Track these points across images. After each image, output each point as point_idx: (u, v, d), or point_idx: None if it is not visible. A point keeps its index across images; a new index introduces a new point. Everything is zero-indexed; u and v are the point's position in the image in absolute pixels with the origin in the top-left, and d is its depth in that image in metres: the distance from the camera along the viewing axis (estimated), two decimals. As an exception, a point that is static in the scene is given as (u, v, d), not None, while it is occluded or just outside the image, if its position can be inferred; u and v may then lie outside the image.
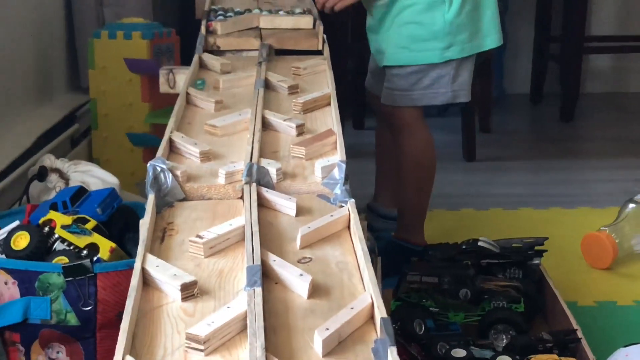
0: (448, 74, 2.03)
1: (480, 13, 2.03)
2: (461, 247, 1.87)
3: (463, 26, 2.01)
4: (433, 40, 2.01)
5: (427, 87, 2.04)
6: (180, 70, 1.89)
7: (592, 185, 2.90)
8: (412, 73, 2.04)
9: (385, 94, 2.11)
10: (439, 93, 2.05)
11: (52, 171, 1.81)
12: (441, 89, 2.04)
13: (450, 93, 2.05)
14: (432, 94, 2.05)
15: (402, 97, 2.07)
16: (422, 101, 2.06)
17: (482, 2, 2.03)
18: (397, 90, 2.07)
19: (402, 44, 2.05)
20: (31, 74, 2.42)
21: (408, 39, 2.04)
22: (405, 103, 2.07)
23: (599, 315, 1.89)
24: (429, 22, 2.01)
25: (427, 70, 2.03)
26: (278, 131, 1.50)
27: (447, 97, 2.05)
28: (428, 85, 2.04)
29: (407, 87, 2.05)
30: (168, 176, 1.29)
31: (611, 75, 4.50)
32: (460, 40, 2.01)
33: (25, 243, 1.44)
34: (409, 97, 2.06)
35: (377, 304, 0.97)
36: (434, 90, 2.04)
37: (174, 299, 1.03)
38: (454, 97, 2.06)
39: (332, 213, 1.22)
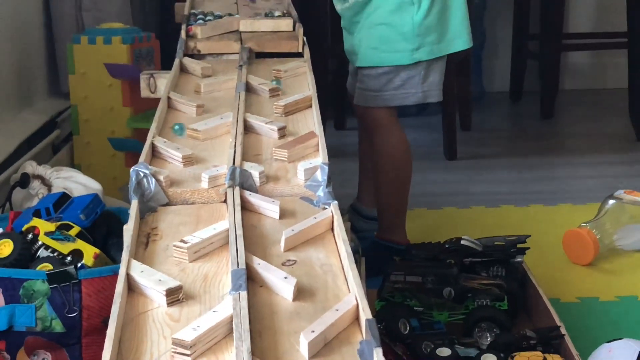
0: (418, 74, 2.05)
1: (449, 15, 2.06)
2: (444, 246, 1.88)
3: (432, 28, 2.03)
4: (402, 42, 2.03)
5: (397, 88, 2.07)
6: (161, 75, 1.89)
7: (573, 182, 2.92)
8: (383, 74, 2.06)
9: (357, 95, 2.13)
10: (410, 94, 2.07)
11: (34, 178, 1.81)
12: (411, 89, 2.06)
13: (421, 94, 2.07)
14: (402, 95, 2.07)
15: (374, 97, 2.09)
16: (393, 102, 2.08)
17: (450, 4, 2.06)
18: (369, 90, 2.09)
19: (372, 45, 2.07)
20: (10, 80, 2.41)
21: (378, 40, 2.06)
22: (377, 103, 2.09)
23: (582, 312, 1.90)
24: (398, 24, 2.03)
25: (397, 71, 2.05)
26: (260, 134, 1.51)
27: (418, 98, 2.08)
28: (399, 85, 2.06)
29: (379, 87, 2.07)
30: (151, 181, 1.29)
31: (589, 72, 4.53)
32: (429, 41, 2.03)
33: (8, 251, 1.44)
34: (380, 98, 2.08)
35: (362, 306, 0.98)
36: (404, 90, 2.07)
37: (159, 304, 1.03)
38: (425, 97, 2.08)
39: (316, 215, 1.23)
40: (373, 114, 2.11)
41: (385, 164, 2.12)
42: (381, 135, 2.12)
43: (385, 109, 2.10)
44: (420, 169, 2.36)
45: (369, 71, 2.08)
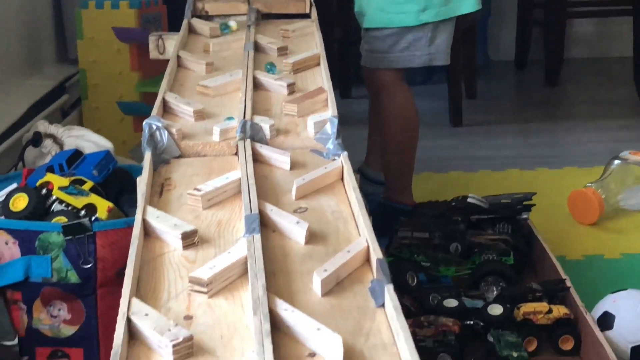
0: (424, 36, 2.06)
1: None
2: (451, 204, 1.90)
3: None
4: (409, 3, 2.04)
5: (403, 50, 2.08)
6: (170, 36, 1.91)
7: (578, 147, 2.94)
8: (389, 35, 2.07)
9: (364, 56, 2.14)
10: (416, 56, 2.08)
11: (46, 137, 1.83)
12: (417, 51, 2.08)
13: (427, 56, 2.08)
14: (409, 57, 2.08)
15: (380, 59, 2.10)
16: (399, 63, 2.10)
17: None
18: (375, 52, 2.11)
19: (379, 6, 2.08)
20: (19, 46, 2.43)
21: (385, 1, 2.07)
22: (384, 65, 2.10)
23: (587, 268, 1.93)
24: None
25: (404, 33, 2.06)
26: (269, 90, 1.52)
27: (424, 60, 2.09)
28: (405, 47, 2.07)
29: (385, 49, 2.09)
30: (164, 134, 1.31)
31: (594, 40, 4.53)
32: (435, 3, 2.04)
33: (24, 204, 1.47)
34: (386, 59, 2.10)
35: (372, 247, 1.00)
36: (410, 52, 2.08)
37: (175, 247, 1.05)
38: (431, 59, 2.09)
39: (326, 165, 1.25)
40: (379, 75, 2.13)
41: (392, 125, 2.13)
42: (387, 97, 2.13)
43: (391, 71, 2.11)
44: (426, 136, 2.37)
45: (375, 32, 2.10)
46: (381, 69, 2.12)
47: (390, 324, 0.88)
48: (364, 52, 2.15)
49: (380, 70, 2.12)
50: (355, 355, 0.83)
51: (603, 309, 1.56)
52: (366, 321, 0.89)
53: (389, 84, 2.13)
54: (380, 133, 2.21)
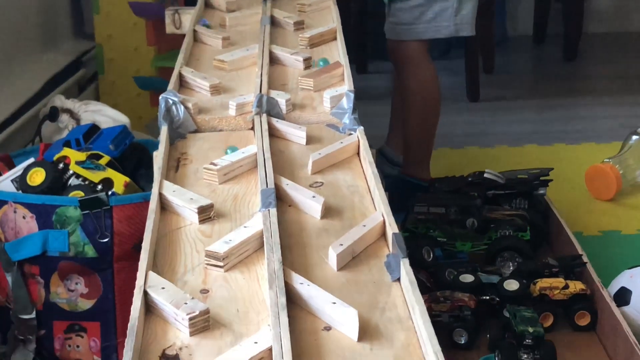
0: (451, 7, 2.05)
1: None
2: (467, 179, 1.90)
3: None
4: None
5: (430, 21, 2.06)
6: (186, 11, 1.90)
7: (596, 122, 2.92)
8: (416, 6, 2.06)
9: (389, 29, 2.13)
10: (442, 26, 2.07)
11: (63, 111, 1.83)
12: (444, 22, 2.07)
13: (453, 27, 2.07)
14: (435, 27, 2.07)
15: (406, 31, 2.09)
16: (425, 34, 2.08)
17: None
18: (401, 24, 2.09)
19: None
20: (36, 22, 2.43)
21: None
22: (410, 37, 2.09)
23: (604, 244, 1.92)
24: None
25: (430, 3, 2.05)
26: (285, 65, 1.52)
27: (450, 31, 2.08)
28: (431, 18, 2.06)
29: (411, 20, 2.07)
30: (180, 108, 1.31)
31: (613, 15, 4.48)
32: None
33: (41, 179, 1.47)
34: (413, 31, 2.08)
35: (388, 221, 1.00)
36: (437, 23, 2.07)
37: (191, 221, 1.06)
38: (457, 30, 2.08)
39: (342, 140, 1.25)
40: (405, 48, 2.11)
41: (415, 99, 2.13)
42: (412, 70, 2.12)
43: (417, 43, 2.10)
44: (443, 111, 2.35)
45: (401, 4, 2.08)
46: (407, 41, 2.10)
47: (405, 298, 0.88)
48: (389, 24, 2.14)
49: (405, 42, 2.11)
50: (370, 329, 0.83)
51: (620, 284, 1.55)
52: (382, 295, 0.89)
53: (414, 57, 2.12)
54: (402, 109, 2.21)
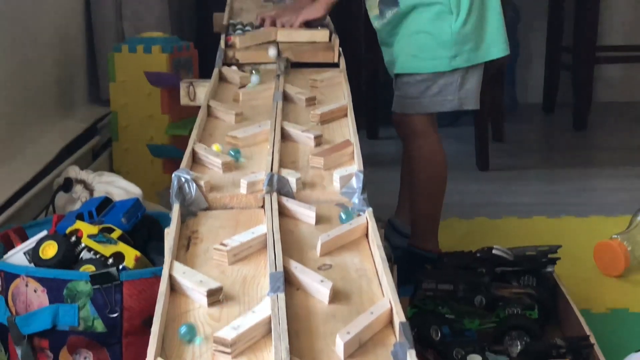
0: (455, 81, 2.09)
1: (485, 23, 2.10)
2: (475, 255, 1.90)
3: (469, 36, 2.07)
4: (441, 49, 2.07)
5: (435, 95, 2.10)
6: (201, 83, 1.94)
7: (605, 194, 2.93)
8: (422, 81, 2.10)
9: (396, 102, 2.17)
10: (447, 100, 2.11)
11: (77, 182, 1.86)
12: (449, 96, 2.11)
13: (457, 101, 2.11)
14: (440, 101, 2.11)
15: (412, 104, 2.13)
16: (430, 108, 2.12)
17: (487, 13, 2.10)
18: (407, 97, 2.13)
19: (412, 52, 2.11)
20: (53, 88, 2.48)
21: (418, 48, 2.10)
22: (415, 110, 2.13)
23: (612, 322, 1.92)
24: (438, 32, 2.07)
25: (435, 78, 2.09)
26: (297, 142, 1.54)
27: (454, 105, 2.12)
28: (436, 92, 2.10)
29: (417, 94, 2.11)
30: (192, 186, 1.33)
31: (623, 84, 4.53)
32: (466, 49, 2.08)
33: (53, 252, 1.49)
34: (418, 104, 2.12)
35: (395, 309, 1.01)
36: (442, 97, 2.11)
37: (200, 304, 1.07)
38: (461, 104, 2.12)
39: (351, 221, 1.26)
40: (411, 121, 2.15)
41: (421, 172, 2.15)
42: (418, 143, 2.15)
43: (422, 116, 2.14)
44: (453, 179, 2.37)
45: (407, 78, 2.13)
46: (412, 115, 2.14)
47: (412, 390, 0.88)
48: (396, 97, 2.17)
49: (411, 115, 2.15)
50: (376, 422, 0.84)
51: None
52: (388, 386, 0.90)
53: (420, 130, 2.15)
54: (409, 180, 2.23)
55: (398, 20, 2.12)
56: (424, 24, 2.08)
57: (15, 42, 2.17)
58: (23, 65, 2.23)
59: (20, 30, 2.21)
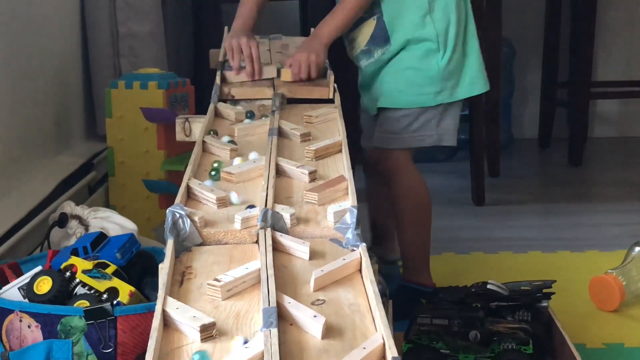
0: (435, 117, 2.14)
1: (466, 60, 2.15)
2: (470, 290, 1.91)
3: (453, 73, 2.12)
4: (427, 85, 2.11)
5: (416, 130, 2.14)
6: (196, 119, 1.95)
7: (600, 229, 2.93)
8: (404, 116, 2.14)
9: (377, 138, 2.19)
10: (426, 135, 2.15)
11: (72, 217, 1.86)
12: (427, 132, 2.15)
13: (436, 136, 2.15)
14: (420, 137, 2.15)
15: (394, 139, 2.16)
16: (411, 143, 2.16)
17: (468, 50, 2.15)
18: (389, 133, 2.16)
19: (398, 88, 2.14)
20: (50, 123, 2.49)
21: (404, 84, 2.13)
22: (398, 145, 2.16)
23: (607, 357, 1.91)
24: (426, 68, 2.11)
25: (418, 113, 2.13)
26: (291, 177, 1.55)
27: (433, 140, 2.15)
28: (417, 128, 2.14)
29: (399, 129, 2.15)
30: (186, 222, 1.34)
31: (618, 120, 4.56)
32: (449, 85, 2.12)
33: (47, 287, 1.49)
34: (400, 140, 2.15)
35: (388, 344, 1.01)
36: (421, 133, 2.15)
37: (193, 339, 1.07)
38: (439, 139, 2.16)
39: (344, 257, 1.27)
40: (392, 156, 2.17)
41: (404, 206, 2.18)
42: (400, 178, 2.18)
43: (403, 151, 2.17)
44: (449, 214, 2.39)
45: (391, 113, 2.15)
46: (393, 150, 2.17)
47: None
48: (377, 133, 2.19)
49: (392, 151, 2.17)
50: None
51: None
52: (380, 422, 0.90)
53: (401, 165, 2.18)
54: (390, 215, 2.25)
55: (386, 59, 2.15)
56: (412, 61, 2.12)
57: (12, 77, 2.19)
58: (20, 100, 2.24)
59: (17, 66, 2.23)
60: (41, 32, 2.42)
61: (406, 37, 2.11)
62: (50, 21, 2.51)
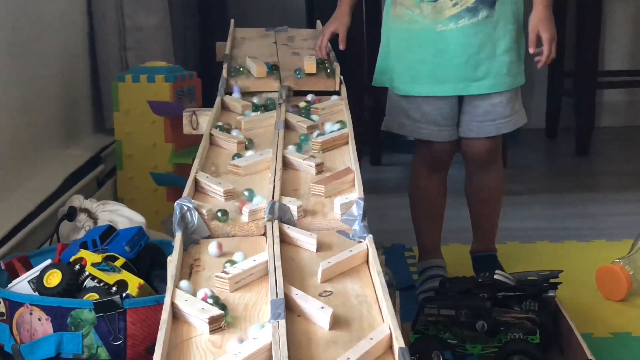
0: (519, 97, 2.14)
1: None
2: (477, 280, 1.91)
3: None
4: (520, 64, 2.10)
5: (517, 111, 2.12)
6: (203, 112, 1.96)
7: (607, 219, 2.93)
8: (510, 97, 2.09)
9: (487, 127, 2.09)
10: (522, 115, 2.15)
11: (81, 211, 1.88)
12: (522, 109, 2.14)
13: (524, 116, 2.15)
14: (518, 118, 2.13)
15: (504, 124, 2.10)
16: (518, 123, 2.13)
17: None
18: (501, 118, 2.09)
19: (504, 70, 2.05)
20: (58, 118, 2.50)
21: (511, 63, 2.06)
22: (507, 129, 2.11)
23: (615, 346, 1.92)
24: (521, 47, 2.09)
25: (517, 93, 2.12)
26: (298, 170, 1.56)
27: (525, 120, 2.16)
28: (518, 109, 2.13)
29: (507, 113, 2.09)
30: (194, 215, 1.35)
31: (625, 109, 4.55)
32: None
33: (57, 281, 1.51)
34: (510, 123, 2.11)
35: (395, 335, 1.02)
36: (520, 113, 2.14)
37: (202, 331, 1.08)
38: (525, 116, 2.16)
39: (351, 248, 1.28)
40: (496, 143, 2.14)
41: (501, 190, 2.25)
42: (499, 164, 2.20)
43: (500, 136, 2.14)
44: (456, 205, 2.38)
45: (498, 98, 2.07)
46: (496, 136, 2.12)
47: (410, 415, 0.89)
48: (481, 123, 2.09)
49: (496, 138, 2.12)
50: None
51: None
52: (387, 412, 0.91)
53: (499, 150, 2.18)
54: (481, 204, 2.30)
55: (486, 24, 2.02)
56: (512, 42, 2.05)
57: (20, 72, 2.20)
58: (28, 94, 2.25)
59: (25, 61, 2.24)
60: (48, 26, 2.43)
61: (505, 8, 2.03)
62: (57, 15, 2.52)
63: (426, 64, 2.06)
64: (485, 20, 2.02)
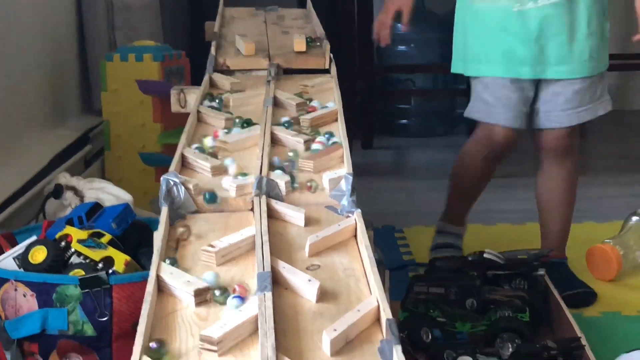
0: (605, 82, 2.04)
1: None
2: (467, 259, 1.91)
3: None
4: (605, 48, 2.01)
5: (599, 97, 2.01)
6: (191, 90, 1.94)
7: (597, 201, 2.93)
8: (592, 84, 1.99)
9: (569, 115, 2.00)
10: (605, 102, 2.04)
11: (67, 189, 1.86)
12: (606, 95, 2.04)
13: (609, 102, 2.05)
14: (606, 101, 2.03)
15: (586, 112, 2.01)
16: (598, 111, 2.03)
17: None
18: (583, 105, 1.99)
19: (586, 55, 1.96)
20: (46, 97, 2.48)
21: (593, 49, 1.97)
22: (588, 117, 2.02)
23: (604, 325, 1.91)
24: (605, 30, 2.00)
25: (601, 78, 2.01)
26: (286, 146, 1.55)
27: (610, 106, 2.05)
28: (599, 95, 2.01)
29: (589, 99, 1.99)
30: (181, 189, 1.33)
31: (616, 93, 4.53)
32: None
33: (42, 257, 1.49)
34: (591, 111, 2.02)
35: (382, 307, 1.01)
36: (602, 99, 2.02)
37: (187, 304, 1.07)
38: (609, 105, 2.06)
39: (340, 223, 1.27)
40: (575, 132, 2.04)
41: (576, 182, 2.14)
42: (576, 155, 2.10)
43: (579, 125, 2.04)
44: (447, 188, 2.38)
45: (581, 84, 1.97)
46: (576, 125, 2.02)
47: (397, 385, 0.88)
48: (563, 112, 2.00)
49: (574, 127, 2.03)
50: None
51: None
52: (374, 382, 0.90)
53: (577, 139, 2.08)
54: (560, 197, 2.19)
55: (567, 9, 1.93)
56: (597, 24, 1.97)
57: (6, 51, 2.18)
58: (15, 74, 2.23)
59: (11, 40, 2.21)
60: (35, 5, 2.41)
61: None
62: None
63: (502, 44, 1.96)
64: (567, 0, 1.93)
